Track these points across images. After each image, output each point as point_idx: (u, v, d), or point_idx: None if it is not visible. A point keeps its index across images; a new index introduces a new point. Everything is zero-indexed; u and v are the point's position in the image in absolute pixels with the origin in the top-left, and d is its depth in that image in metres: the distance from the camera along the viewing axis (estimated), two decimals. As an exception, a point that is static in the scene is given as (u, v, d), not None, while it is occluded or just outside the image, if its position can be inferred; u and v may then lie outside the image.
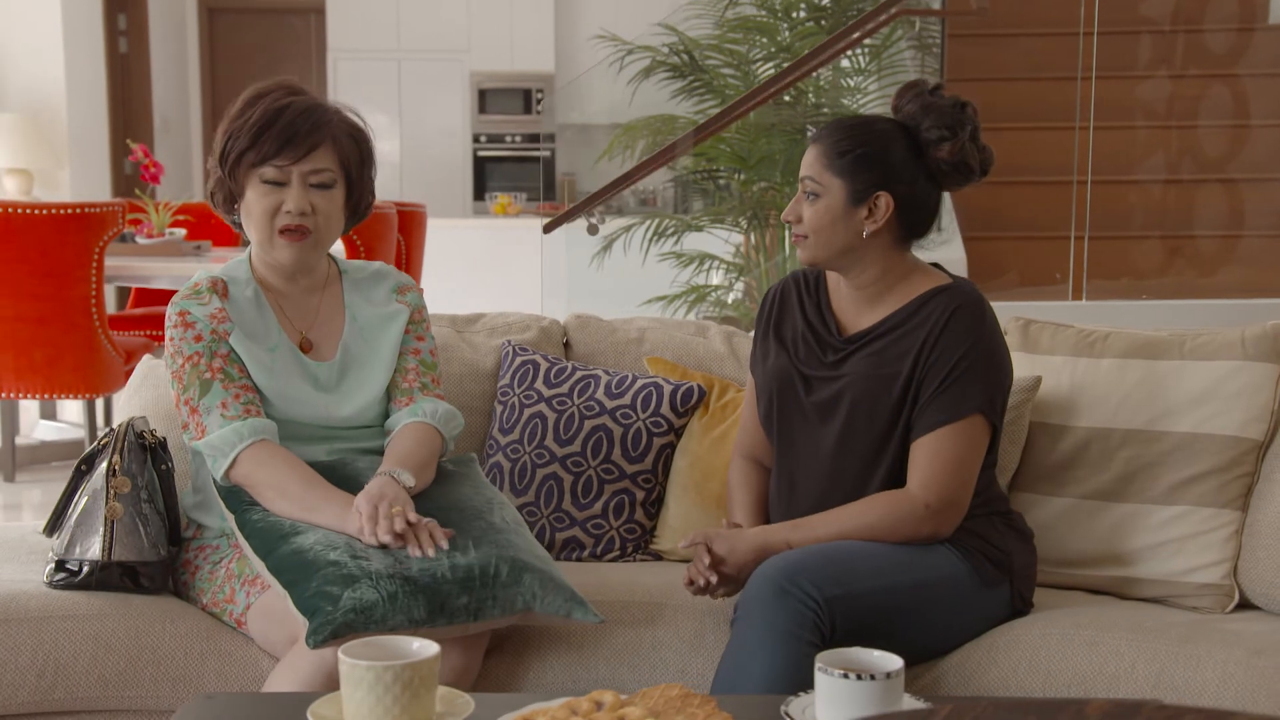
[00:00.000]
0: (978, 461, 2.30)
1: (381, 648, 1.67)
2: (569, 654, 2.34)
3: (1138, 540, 2.53)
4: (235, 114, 2.38)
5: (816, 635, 2.12)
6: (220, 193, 2.41)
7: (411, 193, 10.39)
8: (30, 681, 2.21)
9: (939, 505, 2.25)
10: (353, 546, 2.15)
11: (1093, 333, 2.71)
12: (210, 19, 11.09)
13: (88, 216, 4.83)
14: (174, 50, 10.77)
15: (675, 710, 1.61)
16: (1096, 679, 2.21)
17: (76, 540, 2.33)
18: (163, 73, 10.36)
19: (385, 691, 1.59)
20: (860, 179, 2.30)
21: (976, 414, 2.27)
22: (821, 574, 2.15)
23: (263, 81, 2.43)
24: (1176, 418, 2.55)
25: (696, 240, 5.38)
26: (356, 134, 2.44)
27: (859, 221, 2.31)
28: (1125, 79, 5.79)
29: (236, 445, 2.26)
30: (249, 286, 2.42)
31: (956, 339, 2.28)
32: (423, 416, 2.41)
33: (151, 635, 2.27)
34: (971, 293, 2.34)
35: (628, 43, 5.47)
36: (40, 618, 2.24)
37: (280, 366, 2.37)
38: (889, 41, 5.28)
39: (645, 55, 5.33)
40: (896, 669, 1.66)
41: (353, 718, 1.61)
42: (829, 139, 2.34)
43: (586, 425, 2.75)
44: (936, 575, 2.26)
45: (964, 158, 2.32)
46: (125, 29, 10.15)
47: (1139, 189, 5.37)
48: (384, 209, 5.71)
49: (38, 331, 4.85)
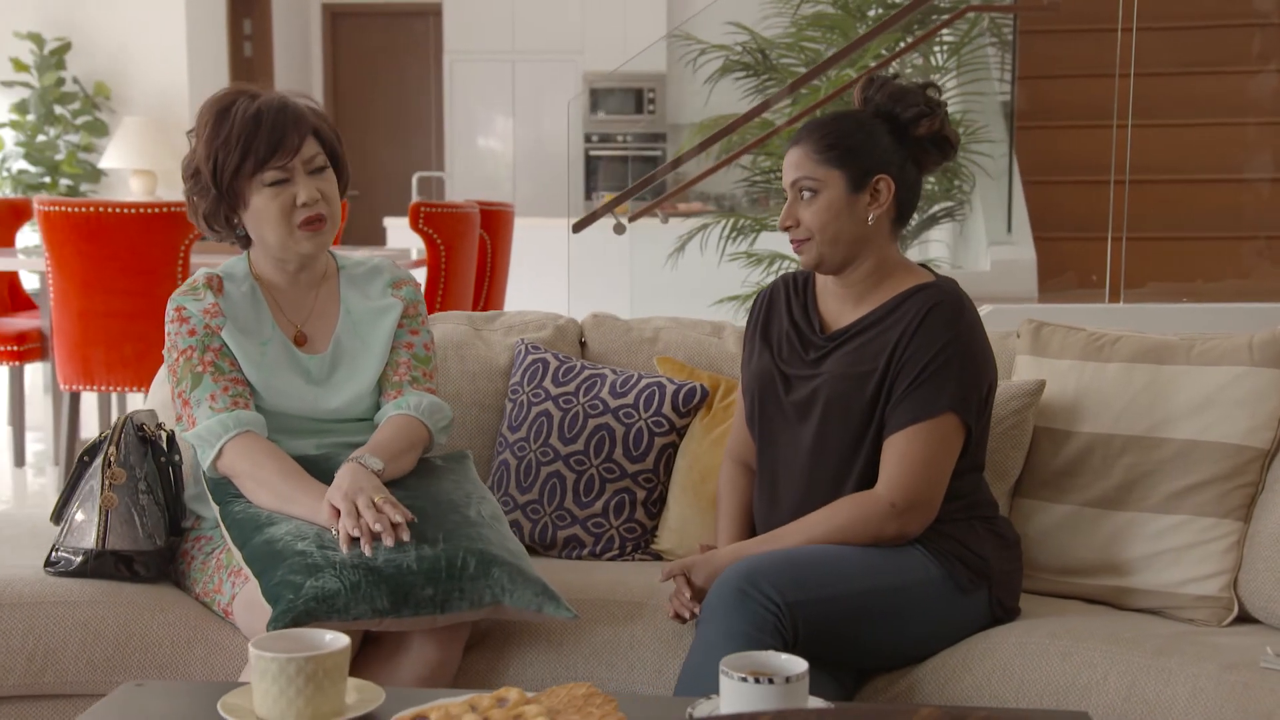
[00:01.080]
0: (948, 461, 2.27)
1: (296, 640, 1.71)
2: (548, 651, 2.36)
3: (1135, 550, 2.47)
4: (209, 134, 2.40)
5: (778, 639, 2.11)
6: (217, 213, 2.44)
7: (524, 192, 10.51)
8: (21, 665, 2.30)
9: (904, 505, 2.23)
10: (322, 537, 2.19)
11: (1102, 336, 2.65)
12: (333, 22, 11.33)
13: (174, 216, 4.98)
14: (297, 53, 11.04)
15: (575, 710, 1.62)
16: (1069, 690, 2.17)
17: (74, 528, 2.42)
18: (284, 75, 10.63)
19: (289, 683, 1.63)
20: (857, 166, 2.31)
21: (949, 413, 2.25)
22: (783, 578, 2.14)
23: (216, 93, 2.47)
24: (1178, 424, 2.48)
25: (770, 240, 5.36)
26: (319, 114, 2.49)
27: (863, 209, 2.32)
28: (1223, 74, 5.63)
29: (221, 436, 2.33)
30: (245, 283, 2.48)
31: (931, 337, 2.26)
32: (406, 409, 2.45)
33: (140, 623, 2.35)
34: (950, 291, 2.32)
35: (702, 42, 5.48)
36: (33, 603, 2.33)
37: (271, 360, 2.43)
38: (968, 38, 5.20)
39: (720, 55, 5.32)
40: (798, 672, 1.65)
41: (260, 708, 1.65)
42: (813, 137, 2.34)
43: (590, 424, 2.77)
44: (907, 580, 2.23)
45: (944, 132, 2.34)
46: (250, 34, 10.44)
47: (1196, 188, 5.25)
48: (466, 208, 5.79)
49: (128, 326, 5.02)
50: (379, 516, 2.18)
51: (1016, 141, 4.93)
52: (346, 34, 11.36)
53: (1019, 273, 4.62)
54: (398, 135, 11.35)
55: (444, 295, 5.59)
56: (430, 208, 5.54)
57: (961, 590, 2.27)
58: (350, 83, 11.30)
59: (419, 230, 5.52)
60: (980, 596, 2.30)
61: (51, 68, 8.96)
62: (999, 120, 5.07)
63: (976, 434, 2.32)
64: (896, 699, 2.26)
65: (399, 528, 2.18)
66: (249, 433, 2.34)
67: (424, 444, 2.45)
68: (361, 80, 11.31)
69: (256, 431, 2.35)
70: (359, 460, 2.28)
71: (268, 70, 10.43)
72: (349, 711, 1.68)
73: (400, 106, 11.35)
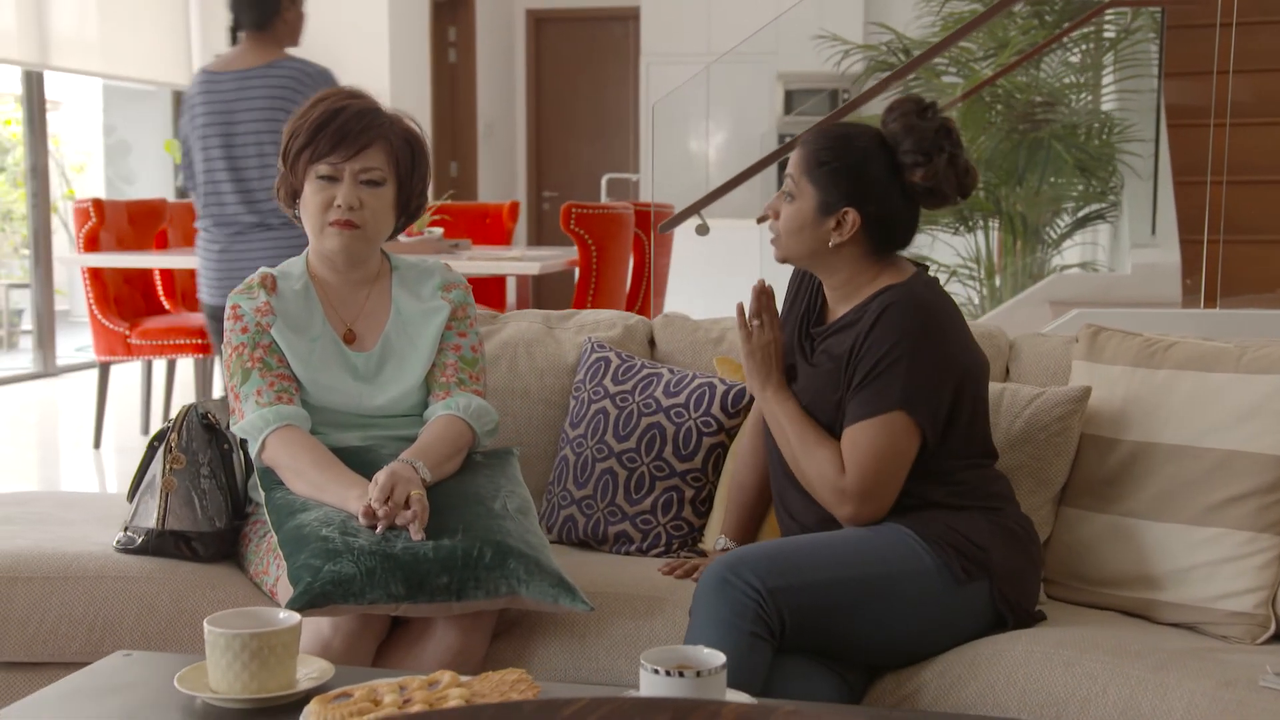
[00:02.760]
0: (899, 458, 2.28)
1: (251, 618, 1.81)
2: (571, 642, 2.43)
3: (1170, 562, 2.40)
4: (298, 115, 2.58)
5: (761, 626, 2.13)
6: (284, 188, 2.61)
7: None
8: (82, 634, 2.48)
9: (854, 493, 2.28)
10: (346, 524, 2.30)
11: (1156, 342, 2.57)
12: (536, 27, 11.61)
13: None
14: (500, 58, 11.34)
15: (499, 695, 1.69)
16: (1069, 700, 2.13)
17: (140, 509, 2.59)
18: (487, 80, 10.93)
19: (235, 658, 1.74)
20: (831, 192, 2.34)
21: (897, 410, 2.26)
22: (765, 565, 2.17)
23: (328, 88, 2.63)
24: (1221, 434, 2.40)
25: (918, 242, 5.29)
26: (411, 138, 2.60)
27: (826, 232, 2.36)
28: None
29: (263, 430, 2.46)
30: (300, 280, 2.61)
31: (882, 335, 2.28)
32: (455, 410, 2.55)
33: (192, 600, 2.50)
34: (912, 291, 2.32)
35: (848, 42, 5.45)
36: (95, 577, 2.51)
37: (320, 356, 2.56)
38: (1127, 33, 5.05)
39: (863, 55, 5.29)
40: (713, 666, 1.68)
41: (213, 680, 1.77)
42: (812, 144, 2.38)
43: (643, 422, 2.82)
44: (897, 568, 2.23)
45: (937, 184, 2.33)
46: (454, 40, 10.78)
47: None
48: (619, 209, 5.88)
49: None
50: (404, 513, 2.29)
51: (1168, 140, 4.76)
52: (549, 38, 11.63)
53: (1161, 277, 4.47)
54: (598, 137, 11.56)
55: (595, 295, 5.70)
56: (581, 209, 5.66)
57: (957, 580, 2.25)
58: (551, 86, 11.57)
59: (569, 231, 5.64)
60: (979, 589, 2.27)
61: (264, 76, 9.41)
62: (1153, 119, 4.91)
63: (963, 429, 2.31)
64: (903, 702, 2.25)
65: (413, 530, 2.28)
66: (289, 426, 2.47)
67: (469, 447, 2.54)
68: (562, 83, 11.56)
69: (297, 425, 2.48)
70: (412, 463, 2.39)
71: (471, 75, 10.75)
72: (296, 685, 1.78)
73: (598, 109, 11.56)
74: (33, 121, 8.77)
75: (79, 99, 11.64)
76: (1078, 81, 5.32)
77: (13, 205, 10.69)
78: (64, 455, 6.78)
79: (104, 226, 6.34)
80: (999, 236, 5.35)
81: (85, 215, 6.32)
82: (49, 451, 6.98)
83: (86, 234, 6.28)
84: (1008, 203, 5.22)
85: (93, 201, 6.38)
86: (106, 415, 6.39)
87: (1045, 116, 5.21)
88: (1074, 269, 5.33)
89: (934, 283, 2.40)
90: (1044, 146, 4.95)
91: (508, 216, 7.03)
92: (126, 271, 6.40)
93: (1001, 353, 2.83)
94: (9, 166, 10.84)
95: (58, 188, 10.94)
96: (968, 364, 2.33)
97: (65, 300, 10.53)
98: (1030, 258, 5.24)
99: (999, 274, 5.36)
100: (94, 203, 6.37)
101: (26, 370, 8.93)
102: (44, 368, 8.85)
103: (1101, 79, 5.34)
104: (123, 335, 6.14)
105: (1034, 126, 5.15)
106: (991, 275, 5.38)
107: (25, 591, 2.48)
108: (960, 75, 5.28)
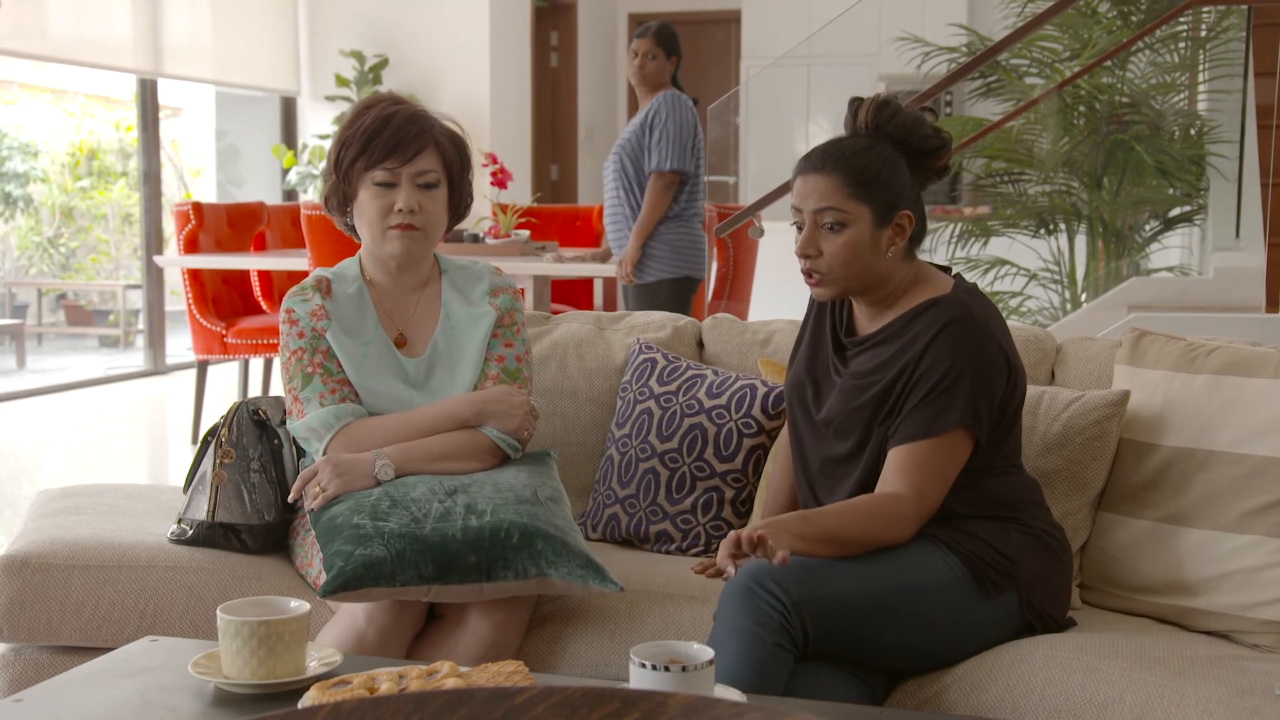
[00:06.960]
0: (954, 473, 2.27)
1: (264, 606, 1.88)
2: (602, 638, 2.47)
3: (1204, 569, 2.37)
4: (347, 124, 2.64)
5: (784, 637, 2.14)
6: (335, 197, 2.67)
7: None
8: (134, 621, 2.57)
9: (916, 515, 2.24)
10: (377, 510, 2.36)
11: (1198, 346, 2.54)
12: (639, 31, 11.67)
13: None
14: (601, 62, 11.43)
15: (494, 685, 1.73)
16: (1086, 706, 2.12)
17: (192, 502, 2.68)
18: (589, 83, 11.02)
19: (244, 644, 1.80)
20: (884, 201, 2.32)
21: (959, 428, 2.25)
22: (789, 576, 2.17)
23: (370, 95, 2.70)
24: (1257, 440, 2.37)
25: (997, 246, 5.25)
26: (456, 140, 2.66)
27: (885, 243, 2.33)
28: None
29: (333, 427, 2.52)
30: (354, 284, 2.68)
31: (941, 355, 2.26)
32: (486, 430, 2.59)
33: (238, 590, 2.58)
34: (963, 306, 2.30)
35: (929, 43, 5.41)
36: (147, 566, 2.60)
37: (372, 360, 2.61)
38: (1218, 32, 4.95)
39: (945, 56, 5.25)
40: (701, 661, 1.70)
41: (225, 666, 1.83)
42: (843, 167, 2.31)
43: (685, 423, 2.85)
44: (923, 580, 2.22)
45: (949, 162, 2.36)
46: (556, 44, 10.89)
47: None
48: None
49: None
50: None
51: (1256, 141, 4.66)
52: (651, 42, 11.66)
53: (1245, 281, 4.38)
54: (699, 139, 11.57)
55: (730, 294, 5.75)
56: (725, 210, 5.71)
57: (985, 592, 2.24)
58: (654, 89, 11.59)
59: (707, 231, 5.69)
60: (1008, 599, 2.26)
61: (369, 82, 9.60)
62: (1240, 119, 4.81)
63: (998, 438, 2.30)
64: (923, 705, 2.25)
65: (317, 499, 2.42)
66: (354, 422, 2.54)
67: (485, 456, 2.57)
68: (664, 85, 11.58)
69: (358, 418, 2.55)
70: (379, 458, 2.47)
71: (572, 78, 10.85)
72: (305, 672, 1.84)
73: (699, 111, 11.56)
74: (146, 127, 9.04)
75: (195, 105, 11.97)
76: (1164, 82, 5.23)
77: (132, 209, 11.01)
78: (172, 450, 6.99)
79: (203, 229, 6.52)
80: (1085, 240, 5.27)
81: (185, 218, 6.51)
82: (158, 446, 7.19)
83: (186, 236, 6.47)
84: (1090, 206, 5.16)
85: (192, 204, 6.57)
86: (204, 411, 6.57)
87: (1131, 118, 5.13)
88: (1161, 273, 5.25)
89: (975, 289, 2.39)
90: (1125, 148, 4.87)
91: (598, 219, 7.08)
92: (225, 273, 6.58)
93: (1048, 356, 2.81)
94: (130, 171, 11.18)
95: (176, 191, 11.26)
96: (1017, 379, 2.32)
97: (179, 301, 10.82)
98: (1114, 262, 5.15)
99: (1080, 278, 5.29)
100: (193, 205, 6.56)
101: (139, 368, 9.21)
102: (154, 365, 9.12)
103: (1197, 79, 5.24)
104: (219, 335, 6.32)
105: (1120, 128, 5.08)
106: (1074, 279, 5.31)
107: (82, 579, 2.58)
108: (1041, 77, 5.23)
